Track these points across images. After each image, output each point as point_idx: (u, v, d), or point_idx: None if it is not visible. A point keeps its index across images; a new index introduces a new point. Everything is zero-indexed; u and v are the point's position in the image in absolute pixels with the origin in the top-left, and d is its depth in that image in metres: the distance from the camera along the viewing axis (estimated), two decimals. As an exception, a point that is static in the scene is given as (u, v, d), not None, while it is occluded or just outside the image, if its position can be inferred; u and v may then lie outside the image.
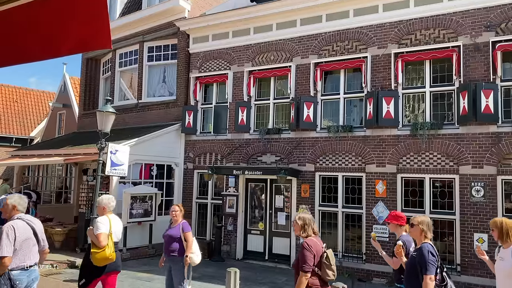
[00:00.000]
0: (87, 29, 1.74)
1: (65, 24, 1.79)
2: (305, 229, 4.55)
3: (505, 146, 8.86)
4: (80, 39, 1.79)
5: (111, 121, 9.80)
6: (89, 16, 1.72)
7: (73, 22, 1.77)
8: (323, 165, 10.99)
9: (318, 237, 4.64)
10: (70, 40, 1.81)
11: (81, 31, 1.76)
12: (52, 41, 1.86)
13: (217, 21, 12.99)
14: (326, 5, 11.18)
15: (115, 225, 5.61)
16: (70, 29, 1.78)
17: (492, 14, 9.24)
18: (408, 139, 9.88)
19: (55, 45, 1.86)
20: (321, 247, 4.48)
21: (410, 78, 10.28)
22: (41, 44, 1.90)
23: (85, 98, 17.30)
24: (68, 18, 1.77)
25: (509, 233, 4.52)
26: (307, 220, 4.58)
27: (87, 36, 1.76)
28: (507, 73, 9.19)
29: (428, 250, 4.17)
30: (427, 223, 4.38)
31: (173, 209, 6.53)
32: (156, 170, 12.87)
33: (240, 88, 12.58)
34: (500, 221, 4.66)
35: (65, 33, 1.81)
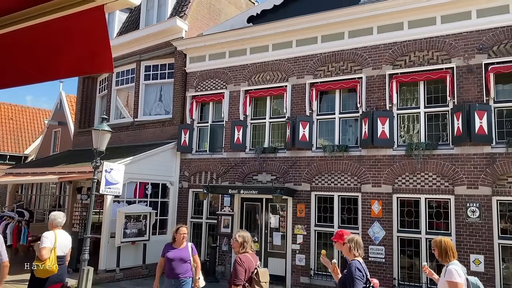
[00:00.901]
0: (89, 53, 1.76)
1: (66, 47, 1.81)
2: (244, 246, 4.87)
3: (499, 167, 8.90)
4: (81, 62, 1.80)
5: (107, 139, 9.77)
6: (90, 40, 1.74)
7: (74, 45, 1.78)
8: (319, 184, 10.98)
9: (254, 255, 4.95)
10: (70, 63, 1.82)
11: (82, 54, 1.78)
12: (52, 64, 1.87)
13: (214, 41, 13.13)
14: (321, 27, 11.35)
15: (61, 240, 5.98)
16: (70, 52, 1.80)
17: (484, 37, 9.41)
18: (403, 159, 9.91)
19: (55, 68, 1.87)
20: (254, 264, 4.77)
21: (405, 98, 10.38)
22: (40, 67, 1.91)
23: (81, 116, 17.29)
24: (69, 42, 1.79)
25: (448, 252, 4.64)
26: (246, 238, 4.90)
27: (88, 59, 1.78)
28: (500, 95, 9.31)
29: (355, 266, 4.44)
30: (355, 241, 4.66)
31: (182, 232, 6.25)
32: (151, 189, 12.79)
33: (236, 107, 12.63)
34: (439, 240, 4.78)
35: (66, 56, 1.82)
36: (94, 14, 1.69)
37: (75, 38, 1.80)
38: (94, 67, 1.79)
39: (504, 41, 9.22)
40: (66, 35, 1.80)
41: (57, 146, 20.29)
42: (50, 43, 1.86)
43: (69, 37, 1.80)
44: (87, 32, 1.75)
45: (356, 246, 4.63)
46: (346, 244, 4.69)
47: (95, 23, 1.70)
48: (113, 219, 11.35)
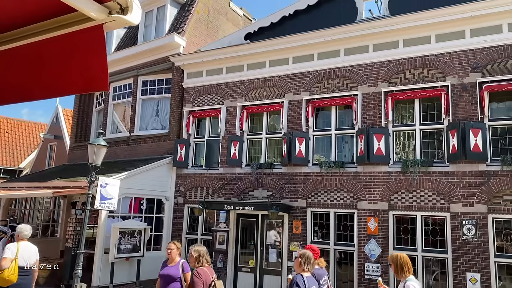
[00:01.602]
0: (86, 72, 1.77)
1: (64, 66, 1.82)
2: (199, 260, 5.09)
3: (494, 185, 8.92)
4: (78, 81, 1.81)
5: (103, 154, 9.75)
6: (88, 59, 1.75)
7: (72, 63, 1.79)
8: (315, 201, 10.95)
9: (210, 268, 5.17)
10: (68, 82, 1.83)
11: (80, 73, 1.79)
12: (50, 82, 1.88)
13: (212, 58, 13.23)
14: (317, 45, 11.47)
15: (24, 251, 6.35)
16: (68, 70, 1.81)
17: (478, 56, 9.55)
18: (399, 176, 9.93)
19: (53, 86, 1.88)
20: (211, 277, 5.01)
21: (400, 116, 10.45)
22: (39, 84, 1.92)
23: (77, 130, 17.27)
24: (67, 60, 1.80)
25: (404, 267, 4.71)
26: (201, 252, 5.12)
27: (85, 78, 1.78)
28: (495, 113, 9.39)
29: (295, 281, 4.64)
30: (306, 257, 4.87)
31: (168, 247, 6.25)
32: (146, 204, 12.70)
33: (233, 123, 12.66)
34: (396, 255, 4.86)
35: (64, 75, 1.83)
36: (93, 33, 1.71)
37: (74, 57, 1.81)
38: (90, 86, 1.80)
39: (497, 60, 9.35)
40: (65, 53, 1.82)
41: (52, 160, 20.19)
42: (48, 61, 1.88)
43: (68, 56, 1.81)
44: (85, 51, 1.76)
45: (306, 262, 4.82)
46: (298, 258, 4.91)
47: (94, 42, 1.72)
48: (107, 234, 11.23)
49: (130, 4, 1.66)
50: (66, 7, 1.65)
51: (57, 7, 1.71)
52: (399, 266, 4.74)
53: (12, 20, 1.88)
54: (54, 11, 1.77)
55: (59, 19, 1.80)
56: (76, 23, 1.75)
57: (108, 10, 1.67)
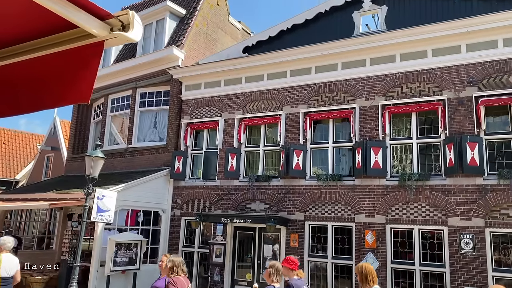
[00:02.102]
0: (76, 84, 1.78)
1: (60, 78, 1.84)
2: (173, 270, 5.19)
3: (491, 199, 8.94)
4: (67, 93, 1.83)
5: (100, 166, 9.74)
6: (82, 72, 1.77)
7: (68, 76, 1.81)
8: (313, 214, 10.93)
9: (186, 278, 5.28)
10: (59, 94, 1.85)
11: (71, 85, 1.80)
12: (44, 94, 1.89)
13: (210, 70, 13.32)
14: (315, 58, 11.57)
15: (6, 263, 6.70)
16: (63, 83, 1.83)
17: (474, 70, 9.65)
18: (397, 190, 9.94)
19: (46, 98, 1.89)
20: (186, 286, 5.15)
21: (398, 129, 10.51)
22: (33, 97, 1.94)
23: (75, 142, 17.24)
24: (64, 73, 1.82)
25: (368, 277, 4.77)
26: (176, 263, 5.22)
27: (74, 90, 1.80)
28: (491, 127, 9.46)
29: None
30: (276, 268, 5.12)
31: (161, 259, 6.37)
32: (143, 217, 12.64)
33: (230, 135, 12.69)
34: (361, 266, 4.93)
35: (58, 87, 1.85)
36: (93, 49, 1.73)
37: (69, 71, 1.83)
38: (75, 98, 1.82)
39: (493, 75, 9.45)
40: (61, 67, 1.84)
41: (49, 171, 20.12)
42: (44, 75, 1.89)
43: (64, 70, 1.83)
44: (81, 65, 1.78)
45: (275, 273, 5.09)
46: (267, 269, 5.15)
47: (92, 57, 1.74)
48: (104, 247, 11.15)
49: (132, 21, 1.69)
50: (69, 23, 1.68)
51: (59, 23, 1.74)
52: (364, 276, 4.79)
53: (14, 35, 1.90)
54: (56, 27, 1.80)
55: (61, 35, 1.82)
56: (78, 39, 1.78)
57: (110, 27, 1.70)
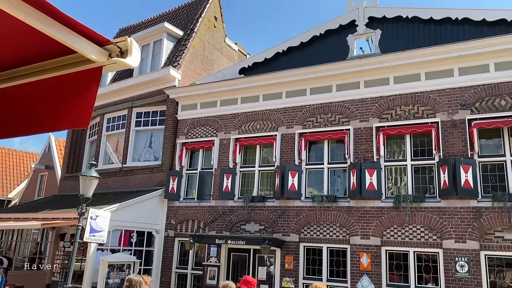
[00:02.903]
0: (75, 109, 1.80)
1: (58, 103, 1.86)
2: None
3: (486, 221, 8.95)
4: (65, 117, 1.85)
5: (94, 185, 9.68)
6: (80, 98, 1.79)
7: (66, 101, 1.83)
8: (308, 235, 10.86)
9: None
10: (57, 118, 1.87)
11: (69, 110, 1.82)
12: (41, 118, 1.91)
13: (206, 91, 13.42)
14: (310, 80, 11.71)
15: None
16: (61, 107, 1.85)
17: (466, 93, 9.79)
18: (392, 211, 9.93)
19: (43, 122, 1.91)
20: None
21: (392, 151, 10.57)
22: (30, 120, 1.95)
23: (69, 161, 17.17)
24: (62, 97, 1.84)
25: None
26: (133, 282, 5.16)
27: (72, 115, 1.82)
28: (484, 149, 9.54)
29: None
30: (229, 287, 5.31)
31: None
32: (136, 237, 12.50)
33: (226, 155, 12.70)
34: (315, 285, 5.14)
35: (55, 111, 1.87)
36: (91, 74, 1.76)
37: (67, 95, 1.85)
38: (74, 122, 1.83)
39: (485, 98, 9.59)
40: (59, 92, 1.86)
41: (43, 190, 19.94)
42: (41, 98, 1.91)
43: (61, 94, 1.86)
44: (79, 90, 1.80)
45: None
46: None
47: (90, 82, 1.77)
48: (96, 268, 10.97)
49: (130, 47, 1.72)
50: (67, 48, 1.71)
51: (58, 48, 1.77)
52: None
53: (12, 59, 1.93)
54: (55, 52, 1.83)
55: (60, 59, 1.85)
56: (76, 64, 1.81)
57: (108, 53, 1.73)
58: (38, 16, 1.53)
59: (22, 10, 1.48)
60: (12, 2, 1.44)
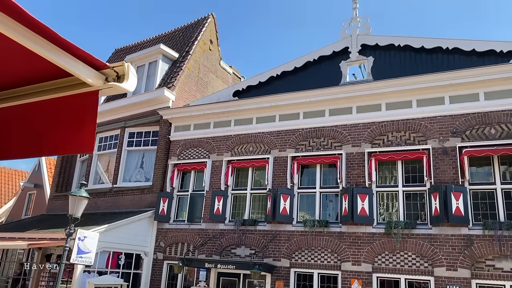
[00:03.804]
0: (75, 134, 1.80)
1: (56, 127, 1.85)
2: None
3: (477, 249, 8.93)
4: (66, 142, 1.84)
5: (83, 206, 9.54)
6: (80, 122, 1.79)
7: (64, 125, 1.83)
8: (299, 260, 10.74)
9: None
10: (57, 142, 1.86)
11: (69, 134, 1.82)
12: (40, 141, 1.90)
13: (200, 112, 13.45)
14: (303, 104, 11.81)
15: None
16: (60, 131, 1.84)
17: (457, 121, 9.92)
18: (383, 238, 9.89)
19: (43, 146, 1.90)
20: None
21: (384, 176, 10.60)
22: (29, 144, 1.94)
23: (59, 180, 16.95)
24: (60, 121, 1.84)
25: None
26: None
27: (73, 140, 1.81)
28: (475, 177, 9.61)
29: None
30: None
31: None
32: (124, 259, 12.26)
33: (218, 177, 12.63)
34: None
35: (54, 135, 1.86)
36: (88, 98, 1.76)
37: (65, 119, 1.85)
38: (77, 148, 1.82)
39: (475, 126, 9.72)
40: (57, 114, 1.85)
41: (30, 209, 19.61)
42: (39, 121, 1.91)
43: (59, 117, 1.85)
44: (78, 114, 1.80)
45: None
46: None
47: (88, 106, 1.77)
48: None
49: (127, 72, 1.73)
50: (64, 71, 1.72)
51: (55, 71, 1.78)
52: None
53: (10, 80, 1.92)
54: (51, 74, 1.83)
55: (57, 82, 1.85)
56: (73, 87, 1.81)
57: (105, 77, 1.74)
58: (36, 39, 1.54)
59: (21, 33, 1.49)
60: (10, 25, 1.45)
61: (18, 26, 1.46)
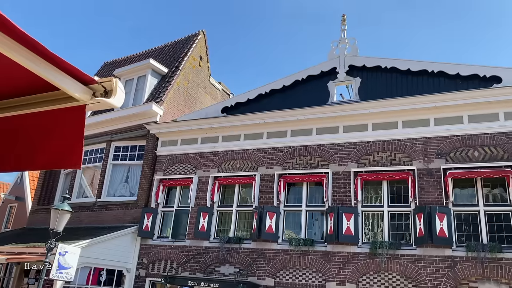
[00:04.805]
0: (63, 149, 1.78)
1: (43, 142, 1.82)
2: None
3: (460, 271, 8.97)
4: (53, 157, 1.81)
5: (66, 220, 9.36)
6: (66, 137, 1.77)
7: (51, 140, 1.81)
8: (283, 280, 10.64)
9: None
10: (44, 157, 1.83)
11: (57, 149, 1.79)
12: (27, 156, 1.87)
13: (188, 127, 13.42)
14: (291, 122, 11.89)
15: None
16: (47, 146, 1.81)
17: (442, 143, 10.08)
18: (368, 258, 9.87)
19: (30, 160, 1.87)
20: None
21: (369, 196, 10.66)
22: (11, 158, 1.91)
23: (41, 193, 16.64)
24: (47, 136, 1.81)
25: None
26: None
27: (61, 155, 1.79)
28: (459, 199, 9.72)
29: None
30: None
31: None
32: (106, 276, 11.99)
33: (204, 193, 12.54)
34: None
35: (42, 150, 1.83)
36: (74, 113, 1.75)
37: (52, 133, 1.83)
38: (64, 163, 1.80)
39: (460, 149, 9.88)
40: (43, 129, 1.83)
41: (10, 222, 19.14)
42: (25, 135, 1.88)
43: (46, 131, 1.83)
44: (65, 129, 1.79)
45: None
46: None
47: (75, 121, 1.75)
48: (60, 307, 10.41)
49: (115, 88, 1.73)
50: (51, 84, 1.70)
51: (42, 84, 1.76)
52: None
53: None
54: (39, 87, 1.81)
55: (43, 95, 1.84)
56: (59, 100, 1.79)
57: (92, 92, 1.73)
58: (23, 52, 1.53)
59: (6, 45, 1.48)
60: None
61: (4, 38, 1.45)
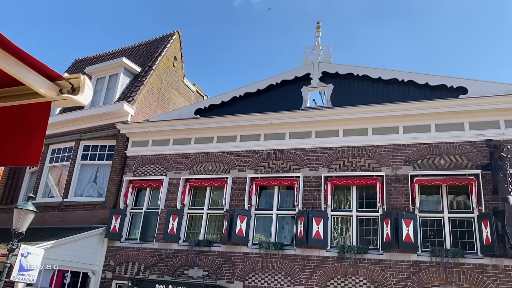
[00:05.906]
0: (23, 144, 1.72)
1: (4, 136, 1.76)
2: None
3: (424, 275, 9.21)
4: (13, 153, 1.75)
5: (30, 220, 9.05)
6: (28, 133, 1.71)
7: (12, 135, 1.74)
8: (252, 283, 10.63)
9: None
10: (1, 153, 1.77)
11: (17, 145, 1.74)
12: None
13: (159, 128, 13.26)
14: (264, 126, 11.94)
15: None
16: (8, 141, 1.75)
17: (409, 150, 10.35)
18: (336, 262, 10.00)
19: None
20: None
21: (339, 200, 10.81)
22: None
23: (4, 191, 16.03)
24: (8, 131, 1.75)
25: None
26: None
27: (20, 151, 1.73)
28: (425, 205, 9.99)
29: None
30: None
31: None
32: (70, 278, 11.65)
33: (174, 196, 12.40)
34: None
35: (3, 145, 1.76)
36: (39, 109, 1.70)
37: (14, 129, 1.77)
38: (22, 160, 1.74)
39: (426, 156, 10.17)
40: (6, 124, 1.77)
41: (-30, 222, 18.31)
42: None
43: (7, 127, 1.77)
44: (27, 125, 1.73)
45: None
46: None
47: (38, 117, 1.70)
48: (20, 311, 10.03)
49: (82, 85, 1.69)
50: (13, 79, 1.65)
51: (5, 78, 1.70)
52: None
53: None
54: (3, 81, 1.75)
55: (7, 90, 1.77)
56: (24, 96, 1.74)
57: (59, 88, 1.69)
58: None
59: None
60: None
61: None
